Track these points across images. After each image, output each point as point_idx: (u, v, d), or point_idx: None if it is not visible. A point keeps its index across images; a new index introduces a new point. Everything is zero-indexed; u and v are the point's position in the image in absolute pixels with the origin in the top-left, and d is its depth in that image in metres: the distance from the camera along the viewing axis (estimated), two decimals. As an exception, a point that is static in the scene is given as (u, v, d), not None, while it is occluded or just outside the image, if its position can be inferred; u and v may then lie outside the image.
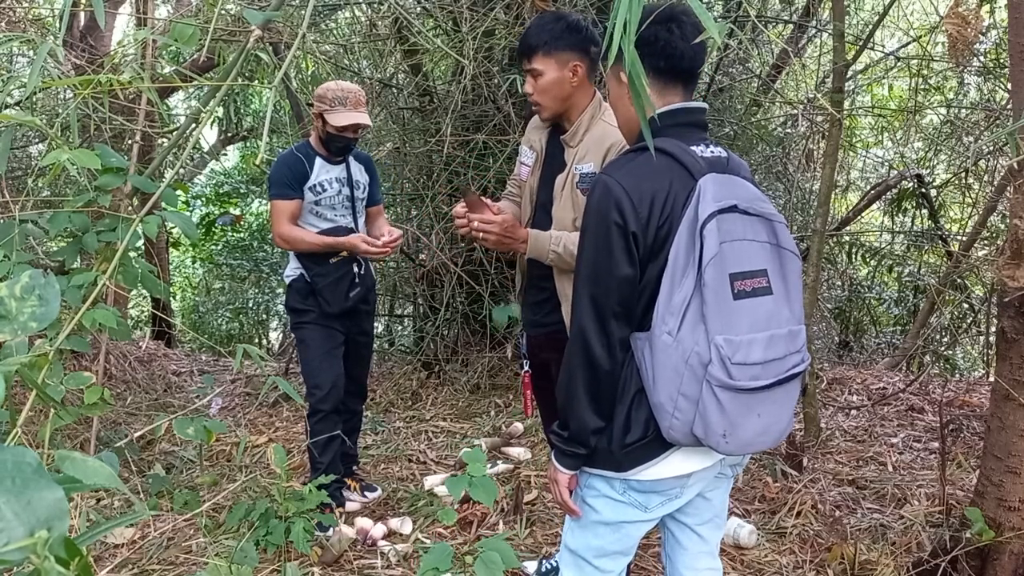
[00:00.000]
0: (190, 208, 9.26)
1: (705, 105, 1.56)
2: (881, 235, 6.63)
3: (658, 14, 1.39)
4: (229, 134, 8.52)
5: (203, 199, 9.51)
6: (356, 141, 2.90)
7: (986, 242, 5.35)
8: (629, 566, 1.91)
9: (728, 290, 1.34)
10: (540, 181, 2.20)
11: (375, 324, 5.41)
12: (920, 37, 5.04)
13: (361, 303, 3.00)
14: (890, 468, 3.47)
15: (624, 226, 1.37)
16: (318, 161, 2.86)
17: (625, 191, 1.38)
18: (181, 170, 6.66)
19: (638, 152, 1.46)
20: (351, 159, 2.96)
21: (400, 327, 6.45)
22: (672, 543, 1.72)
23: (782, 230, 1.43)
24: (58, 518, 0.58)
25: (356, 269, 2.91)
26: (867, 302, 6.62)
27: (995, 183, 4.99)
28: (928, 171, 5.97)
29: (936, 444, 3.63)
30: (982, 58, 4.56)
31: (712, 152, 1.46)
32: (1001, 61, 4.49)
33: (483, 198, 2.05)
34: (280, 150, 4.18)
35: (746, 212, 1.38)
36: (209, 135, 8.46)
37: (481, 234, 2.02)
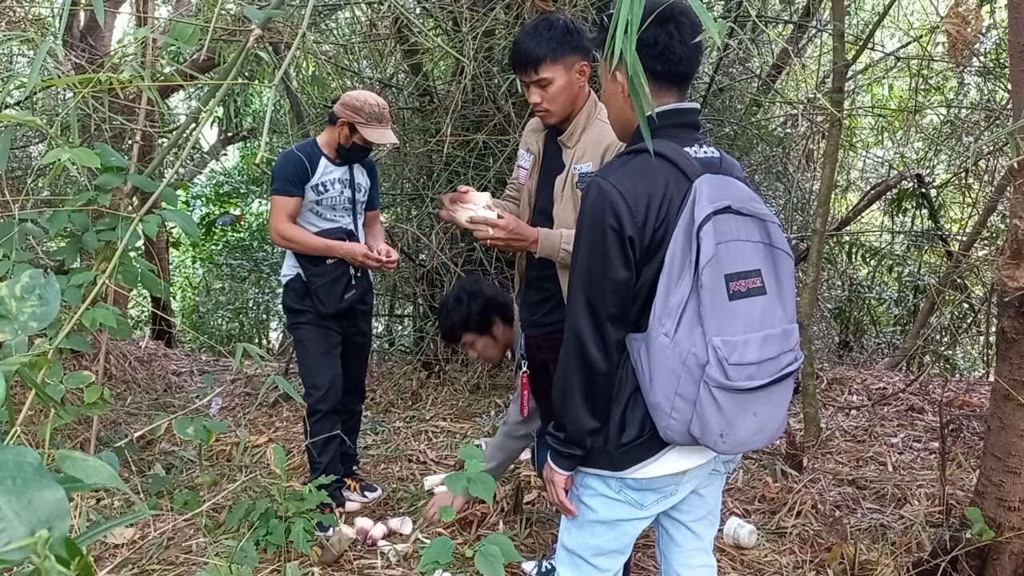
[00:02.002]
0: (190, 208, 9.26)
1: (698, 105, 1.57)
2: (881, 235, 6.64)
3: (657, 15, 1.39)
4: (229, 134, 8.52)
5: (203, 199, 9.50)
6: (371, 152, 2.94)
7: (986, 242, 5.35)
8: (627, 564, 1.91)
9: (724, 291, 1.34)
10: (538, 183, 2.19)
11: (375, 324, 5.42)
12: (920, 37, 5.05)
13: (358, 303, 3.00)
14: (890, 468, 3.47)
15: (620, 230, 1.37)
16: (322, 161, 2.87)
17: (621, 195, 1.38)
18: (181, 169, 6.66)
19: (633, 154, 1.46)
20: None
21: (400, 327, 6.45)
22: (667, 540, 1.73)
23: (775, 230, 1.44)
24: (59, 518, 0.58)
25: (352, 271, 2.91)
26: (867, 302, 6.62)
27: (995, 183, 4.99)
28: (928, 171, 5.97)
29: (936, 444, 3.63)
30: (982, 58, 4.56)
31: (705, 152, 1.47)
32: (1001, 61, 4.49)
33: (459, 190, 2.03)
34: (280, 150, 4.19)
35: (740, 212, 1.39)
36: (209, 135, 8.47)
37: (488, 240, 1.99)
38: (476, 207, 1.99)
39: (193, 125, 2.37)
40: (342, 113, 2.78)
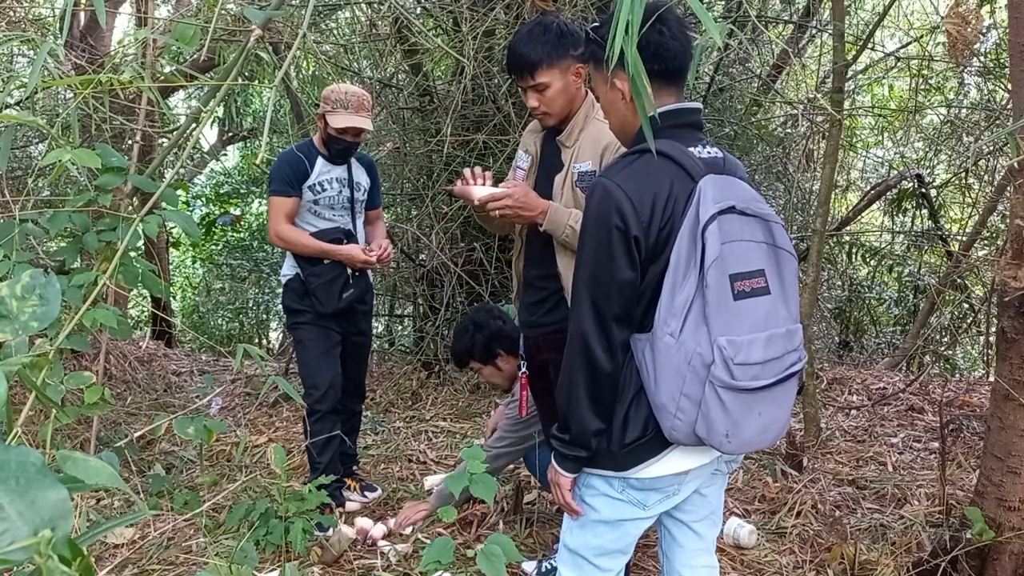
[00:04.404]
0: (190, 208, 9.26)
1: (700, 105, 1.57)
2: (881, 235, 6.64)
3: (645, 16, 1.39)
4: (229, 134, 8.52)
5: (203, 199, 9.51)
6: (357, 146, 2.90)
7: (986, 242, 5.36)
8: (628, 565, 1.91)
9: (729, 291, 1.34)
10: (536, 184, 2.19)
11: (375, 324, 5.42)
12: (920, 37, 5.05)
13: (357, 303, 2.99)
14: (890, 468, 3.47)
15: (625, 230, 1.37)
16: (320, 160, 2.86)
17: (626, 194, 1.38)
18: (181, 170, 6.66)
19: (636, 155, 1.46)
20: (353, 160, 2.96)
21: (400, 327, 6.45)
22: (669, 541, 1.73)
23: (778, 230, 1.44)
24: (62, 518, 0.58)
25: (349, 271, 2.90)
26: (867, 302, 6.63)
27: (995, 183, 4.99)
28: (928, 171, 5.98)
29: (936, 444, 3.63)
30: (982, 58, 4.56)
31: (709, 153, 1.47)
32: (1001, 61, 4.50)
33: (485, 172, 2.05)
34: (280, 150, 4.20)
35: (744, 213, 1.39)
36: (209, 135, 8.47)
37: (497, 211, 1.99)
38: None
39: (193, 125, 2.37)
40: (320, 106, 2.80)
